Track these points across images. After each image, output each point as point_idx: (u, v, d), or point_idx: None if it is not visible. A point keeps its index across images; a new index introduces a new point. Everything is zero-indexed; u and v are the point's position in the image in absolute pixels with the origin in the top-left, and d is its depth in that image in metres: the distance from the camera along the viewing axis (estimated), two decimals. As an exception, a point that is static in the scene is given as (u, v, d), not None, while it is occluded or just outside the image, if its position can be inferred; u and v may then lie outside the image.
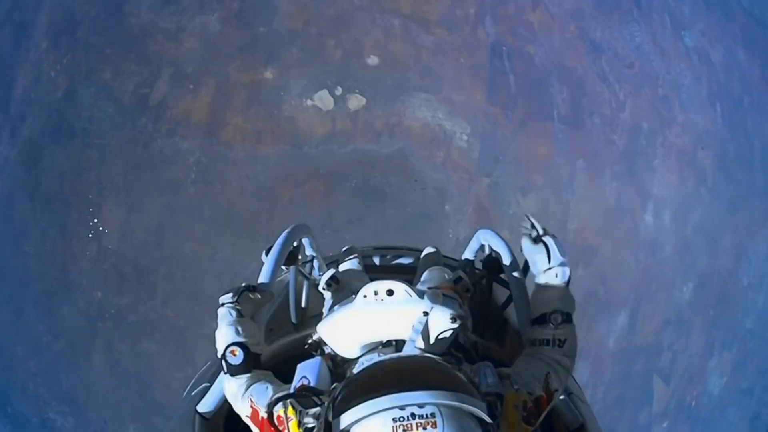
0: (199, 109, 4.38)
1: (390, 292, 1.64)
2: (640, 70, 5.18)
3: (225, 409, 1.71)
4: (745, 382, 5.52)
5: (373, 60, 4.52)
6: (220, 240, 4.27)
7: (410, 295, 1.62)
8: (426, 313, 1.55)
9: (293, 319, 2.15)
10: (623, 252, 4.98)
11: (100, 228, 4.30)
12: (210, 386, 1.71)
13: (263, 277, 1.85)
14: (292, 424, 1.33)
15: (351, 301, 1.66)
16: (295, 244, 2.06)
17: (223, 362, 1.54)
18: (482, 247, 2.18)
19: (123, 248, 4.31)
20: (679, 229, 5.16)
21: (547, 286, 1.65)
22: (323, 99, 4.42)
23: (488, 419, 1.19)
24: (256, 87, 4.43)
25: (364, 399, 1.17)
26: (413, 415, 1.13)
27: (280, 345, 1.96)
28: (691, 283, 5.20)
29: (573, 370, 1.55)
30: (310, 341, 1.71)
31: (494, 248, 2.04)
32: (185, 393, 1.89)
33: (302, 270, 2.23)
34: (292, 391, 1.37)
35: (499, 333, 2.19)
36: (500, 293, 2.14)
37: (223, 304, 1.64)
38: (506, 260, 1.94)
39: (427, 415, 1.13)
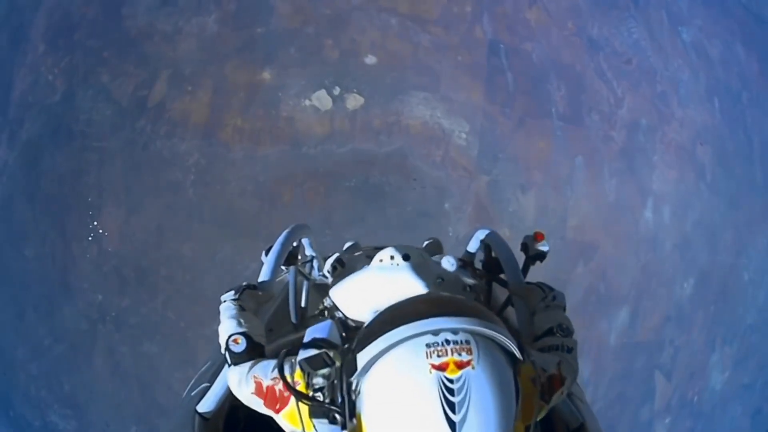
0: (197, 111, 4.38)
1: (406, 257, 1.63)
2: (638, 66, 5.18)
3: (225, 409, 1.71)
4: (747, 377, 5.52)
5: (370, 59, 4.52)
6: (220, 240, 4.27)
7: (426, 261, 1.61)
8: (441, 279, 1.53)
9: (293, 319, 2.16)
10: (623, 248, 4.98)
11: (100, 230, 4.30)
12: (210, 386, 1.70)
13: (264, 276, 1.85)
14: (300, 388, 1.27)
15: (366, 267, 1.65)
16: (294, 244, 2.06)
17: (227, 353, 1.53)
18: (481, 246, 2.18)
19: (123, 250, 4.31)
20: (679, 225, 5.16)
21: (548, 308, 1.66)
22: (321, 99, 4.42)
23: (519, 356, 1.14)
24: (254, 88, 4.42)
25: (391, 327, 1.10)
26: (447, 341, 1.07)
27: (279, 345, 1.95)
28: (691, 278, 5.20)
29: (577, 377, 1.51)
30: (321, 307, 1.69)
31: (494, 248, 2.04)
32: (185, 393, 1.90)
33: (302, 270, 2.23)
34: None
35: None
36: (500, 293, 2.14)
37: (224, 301, 1.64)
38: (506, 260, 1.94)
39: (461, 341, 1.07)
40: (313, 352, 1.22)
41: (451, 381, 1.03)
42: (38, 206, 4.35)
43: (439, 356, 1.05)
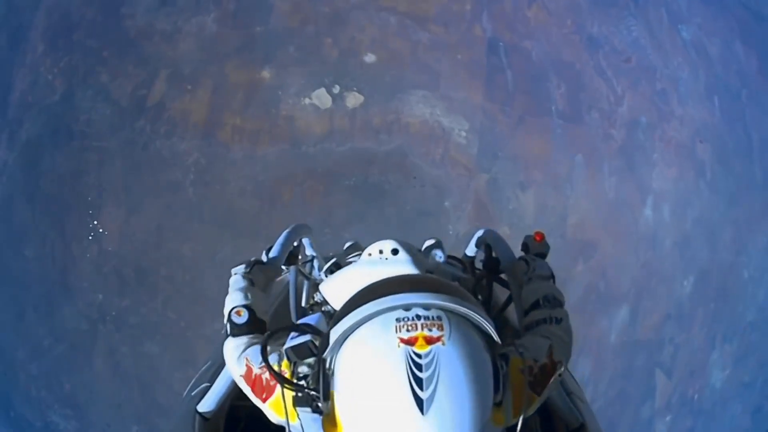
0: (196, 110, 4.38)
1: (395, 252, 1.64)
2: (638, 64, 5.18)
3: (225, 409, 1.71)
4: (747, 375, 5.52)
5: (370, 58, 4.52)
6: (220, 240, 4.27)
7: (414, 255, 1.61)
8: (430, 273, 1.53)
9: (293, 319, 2.15)
10: (623, 246, 4.98)
11: (100, 230, 4.30)
12: (210, 386, 1.71)
13: (273, 253, 1.86)
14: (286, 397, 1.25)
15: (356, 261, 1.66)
16: (295, 244, 2.06)
17: (227, 324, 1.53)
18: (482, 246, 2.18)
19: (123, 250, 4.31)
20: (678, 223, 5.16)
21: (530, 280, 1.65)
22: (321, 97, 4.42)
23: (497, 338, 1.12)
24: (254, 87, 4.42)
25: (363, 303, 1.09)
26: (418, 317, 1.05)
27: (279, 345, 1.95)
28: (691, 276, 5.20)
29: (571, 354, 1.48)
30: (312, 302, 1.70)
31: (494, 248, 2.04)
32: (185, 393, 1.90)
33: (302, 270, 2.23)
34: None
35: (499, 334, 2.18)
36: (500, 293, 2.14)
37: (235, 274, 1.64)
38: (506, 260, 1.94)
39: (432, 317, 1.05)
40: (299, 340, 1.21)
41: (419, 356, 1.01)
42: (38, 206, 4.35)
43: (408, 330, 1.03)
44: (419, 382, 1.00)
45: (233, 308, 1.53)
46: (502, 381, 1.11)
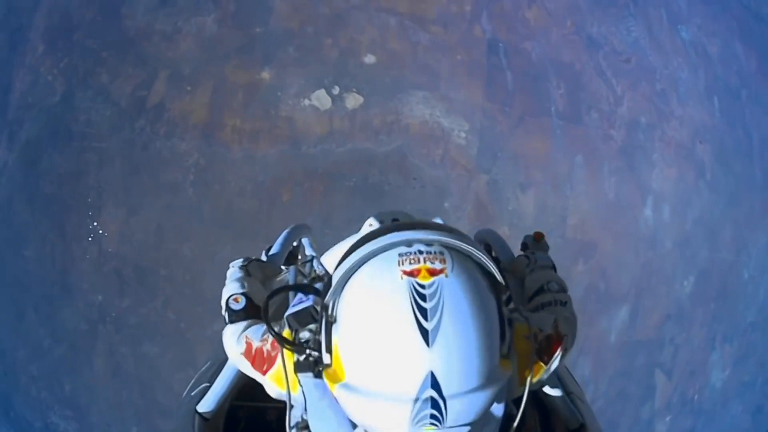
0: (196, 111, 4.38)
1: (395, 221, 1.63)
2: (637, 64, 5.18)
3: (225, 409, 1.71)
4: (747, 375, 5.52)
5: (369, 58, 4.52)
6: (220, 240, 4.27)
7: None
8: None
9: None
10: (623, 247, 4.98)
11: (100, 231, 4.30)
12: (210, 386, 1.71)
13: (273, 252, 1.86)
14: (287, 354, 1.25)
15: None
16: (294, 244, 2.06)
17: (225, 313, 1.53)
18: (481, 246, 2.18)
19: (123, 251, 4.31)
20: (678, 223, 5.16)
21: (533, 271, 1.66)
22: (321, 98, 4.42)
23: (500, 278, 1.11)
24: (254, 87, 4.42)
25: (362, 245, 1.10)
26: (420, 252, 1.05)
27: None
28: (691, 276, 5.20)
29: (576, 334, 1.46)
30: (313, 275, 1.70)
31: (493, 246, 2.04)
32: (185, 393, 1.90)
33: (302, 270, 2.23)
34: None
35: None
36: None
37: (232, 267, 1.67)
38: (506, 260, 1.94)
39: (435, 251, 1.05)
40: (301, 306, 1.21)
41: (422, 287, 1.01)
42: (38, 207, 4.35)
43: (410, 264, 1.03)
44: (423, 312, 0.99)
45: (231, 296, 1.54)
46: (509, 337, 1.10)
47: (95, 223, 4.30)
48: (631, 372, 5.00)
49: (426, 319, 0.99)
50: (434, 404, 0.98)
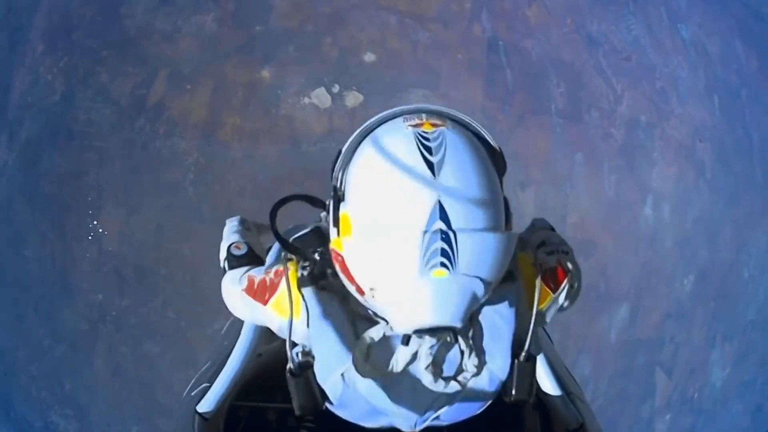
0: (196, 110, 4.38)
1: None
2: (638, 63, 5.18)
3: (225, 409, 1.71)
4: (747, 374, 5.51)
5: (369, 57, 4.51)
6: (220, 240, 4.26)
7: None
8: None
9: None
10: (623, 246, 4.98)
11: (100, 230, 4.30)
12: (210, 386, 1.71)
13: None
14: (291, 273, 1.28)
15: None
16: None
17: (225, 261, 1.55)
18: None
19: (123, 250, 4.31)
20: (678, 222, 5.16)
21: (535, 232, 1.66)
22: (320, 97, 4.42)
23: (496, 145, 1.17)
24: (253, 86, 4.42)
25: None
26: (422, 115, 1.12)
27: (279, 344, 1.96)
28: (691, 275, 5.20)
29: (581, 281, 1.48)
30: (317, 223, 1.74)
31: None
32: (185, 393, 1.90)
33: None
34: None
35: None
36: None
37: (230, 222, 1.76)
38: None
39: (437, 114, 1.13)
40: (305, 230, 1.33)
41: (426, 133, 1.06)
42: (38, 206, 4.35)
43: (414, 120, 1.10)
44: (428, 150, 1.03)
45: (232, 243, 1.57)
46: (510, 217, 1.17)
47: (95, 223, 4.29)
48: (631, 371, 5.00)
49: (431, 154, 1.02)
50: (444, 237, 0.97)
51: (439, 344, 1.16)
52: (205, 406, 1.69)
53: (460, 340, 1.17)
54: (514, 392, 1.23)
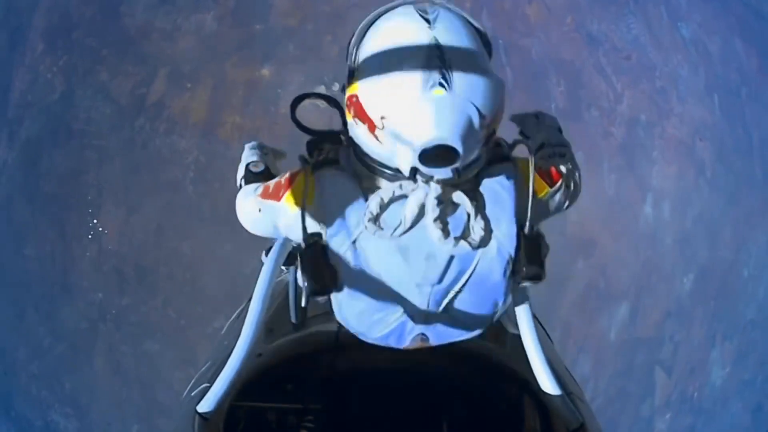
0: (196, 108, 4.38)
1: None
2: (638, 62, 5.17)
3: (225, 409, 1.71)
4: (747, 373, 5.51)
5: (369, 56, 4.51)
6: (220, 239, 4.26)
7: None
8: None
9: (293, 319, 2.15)
10: (623, 244, 4.98)
11: (100, 229, 4.30)
12: (210, 386, 1.70)
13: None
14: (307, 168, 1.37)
15: None
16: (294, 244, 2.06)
17: (243, 179, 1.61)
18: None
19: (123, 249, 4.31)
20: (678, 221, 5.15)
21: (541, 131, 1.76)
22: (320, 96, 4.41)
23: (484, 31, 1.32)
24: (253, 85, 4.42)
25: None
26: (424, 3, 1.25)
27: (280, 344, 1.96)
28: (691, 274, 5.19)
29: (580, 184, 1.58)
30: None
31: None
32: (185, 393, 1.90)
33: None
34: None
35: (499, 333, 2.18)
36: None
37: (247, 145, 1.84)
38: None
39: (436, 3, 1.25)
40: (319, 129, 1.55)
41: (425, 7, 1.23)
42: (38, 205, 4.35)
43: (418, 6, 1.24)
44: (425, 12, 1.21)
45: (251, 162, 1.64)
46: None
47: (95, 221, 4.30)
48: (631, 370, 5.00)
49: (426, 13, 1.20)
50: (440, 65, 1.13)
51: (445, 204, 1.26)
52: (205, 406, 1.68)
53: (465, 199, 1.26)
54: (525, 267, 1.33)
